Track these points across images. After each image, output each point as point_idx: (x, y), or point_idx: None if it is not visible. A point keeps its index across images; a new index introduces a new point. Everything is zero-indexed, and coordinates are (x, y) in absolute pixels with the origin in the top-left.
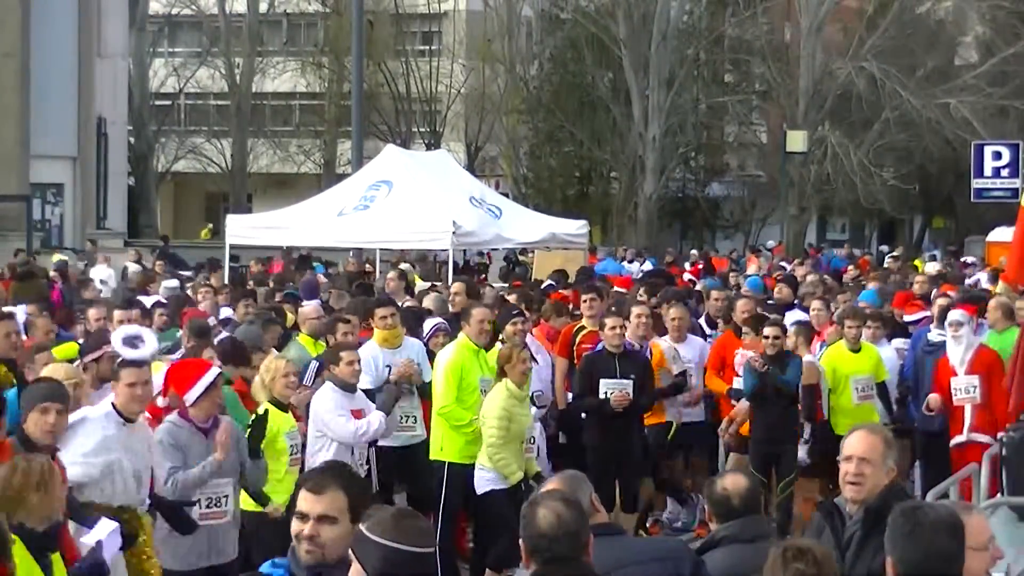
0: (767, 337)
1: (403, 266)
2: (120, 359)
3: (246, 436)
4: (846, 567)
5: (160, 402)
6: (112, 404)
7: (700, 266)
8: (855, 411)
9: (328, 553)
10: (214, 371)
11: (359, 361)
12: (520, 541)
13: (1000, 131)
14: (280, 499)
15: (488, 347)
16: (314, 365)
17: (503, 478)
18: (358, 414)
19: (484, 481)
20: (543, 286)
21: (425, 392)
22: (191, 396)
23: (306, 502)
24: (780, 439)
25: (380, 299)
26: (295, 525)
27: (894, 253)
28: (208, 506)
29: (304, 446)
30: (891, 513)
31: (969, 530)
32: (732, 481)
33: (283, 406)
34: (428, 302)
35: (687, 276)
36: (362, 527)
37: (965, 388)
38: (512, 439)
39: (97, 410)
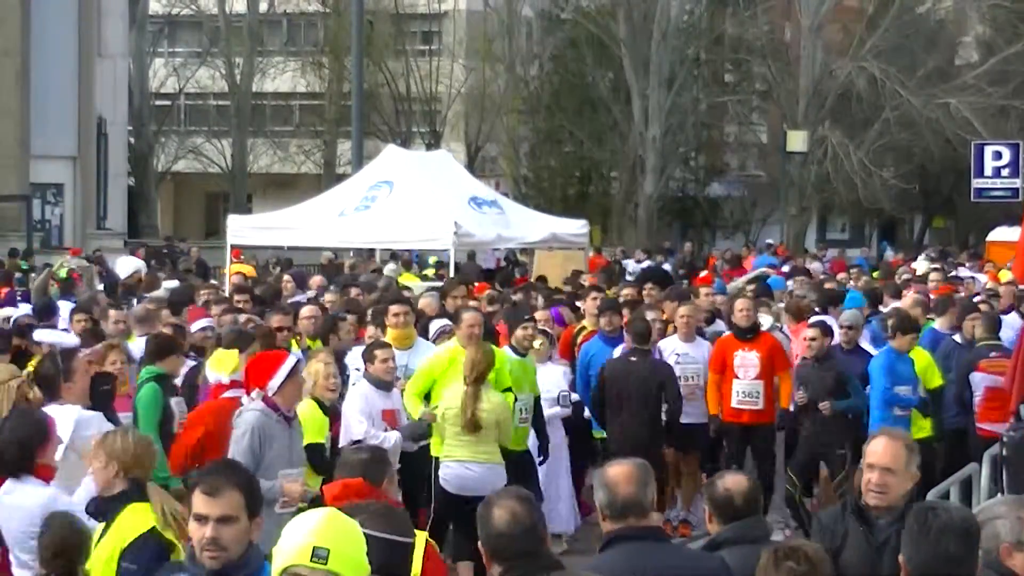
0: (805, 338)
1: (390, 267)
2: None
3: None
4: (883, 569)
5: (243, 399)
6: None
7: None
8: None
9: (231, 553)
10: (292, 359)
11: (394, 359)
12: (479, 545)
13: (1000, 131)
14: None
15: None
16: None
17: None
18: (389, 414)
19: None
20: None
21: None
22: (273, 385)
23: (203, 505)
24: (828, 441)
25: (394, 296)
26: (194, 528)
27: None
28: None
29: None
30: (908, 513)
31: None
32: (734, 481)
33: (325, 408)
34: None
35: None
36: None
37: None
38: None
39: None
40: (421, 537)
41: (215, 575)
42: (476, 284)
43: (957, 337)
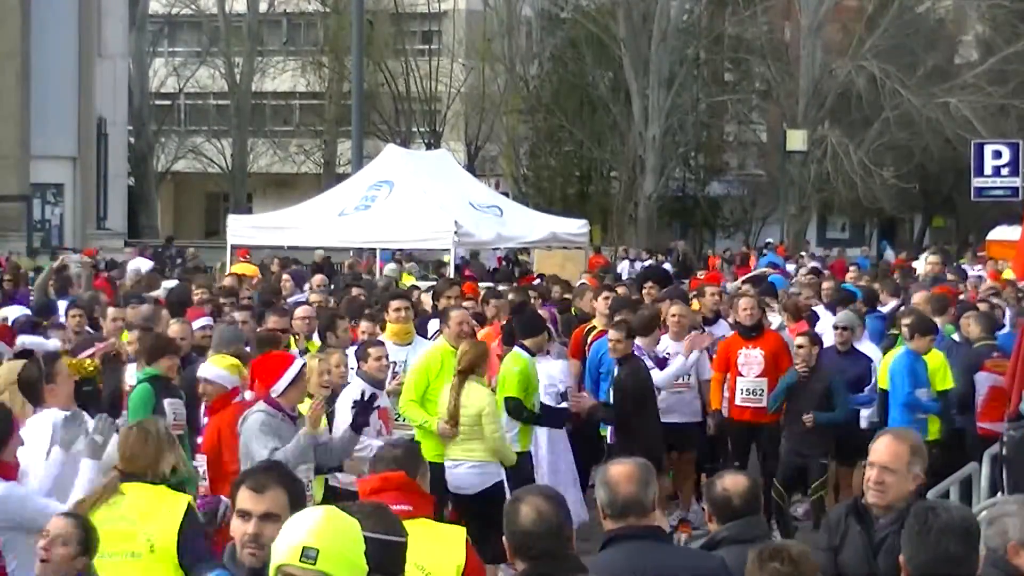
0: (796, 346)
1: (390, 267)
2: None
3: None
4: (878, 568)
5: (248, 395)
6: None
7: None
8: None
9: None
10: (299, 362)
11: (387, 357)
12: (504, 539)
13: (1000, 130)
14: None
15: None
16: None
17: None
18: (384, 412)
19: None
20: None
21: None
22: (280, 386)
23: (248, 501)
24: (808, 453)
25: (395, 292)
26: (237, 525)
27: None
28: None
29: None
30: (909, 513)
31: None
32: (732, 481)
33: None
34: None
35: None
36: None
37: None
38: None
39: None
40: (461, 532)
41: (254, 574)
42: (465, 283)
43: (956, 336)
